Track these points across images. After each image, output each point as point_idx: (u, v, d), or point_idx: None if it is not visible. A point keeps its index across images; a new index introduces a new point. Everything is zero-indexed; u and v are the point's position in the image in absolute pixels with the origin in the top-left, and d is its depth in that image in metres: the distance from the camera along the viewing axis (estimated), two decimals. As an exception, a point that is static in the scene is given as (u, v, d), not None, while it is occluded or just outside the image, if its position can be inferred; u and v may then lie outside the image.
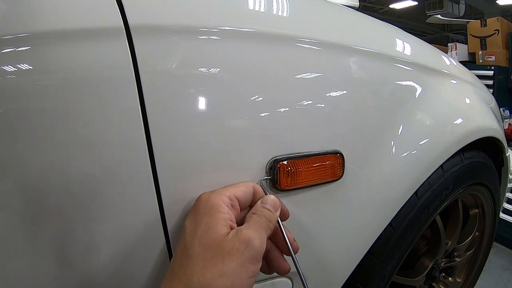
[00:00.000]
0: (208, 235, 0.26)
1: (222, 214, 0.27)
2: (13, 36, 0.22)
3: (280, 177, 0.31)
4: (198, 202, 0.28)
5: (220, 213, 0.27)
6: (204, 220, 0.26)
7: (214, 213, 0.27)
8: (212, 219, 0.26)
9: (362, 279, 0.45)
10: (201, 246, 0.25)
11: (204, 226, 0.26)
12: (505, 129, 1.49)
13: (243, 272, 0.25)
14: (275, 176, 0.31)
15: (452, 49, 3.63)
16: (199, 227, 0.26)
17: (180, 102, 0.27)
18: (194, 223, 0.27)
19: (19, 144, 0.23)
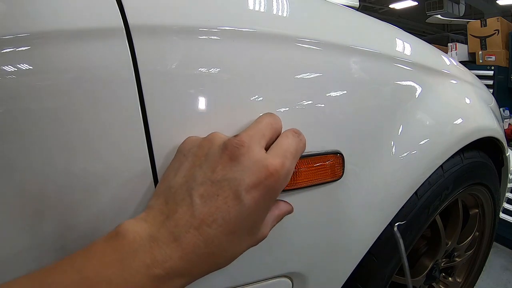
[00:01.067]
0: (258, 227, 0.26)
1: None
2: (13, 36, 0.22)
3: None
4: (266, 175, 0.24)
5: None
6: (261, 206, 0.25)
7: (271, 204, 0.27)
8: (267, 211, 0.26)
9: (362, 279, 0.45)
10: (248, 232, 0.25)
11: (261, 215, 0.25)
12: (505, 129, 1.49)
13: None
14: None
15: (452, 49, 3.63)
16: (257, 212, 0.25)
17: (180, 102, 0.27)
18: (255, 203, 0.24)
19: (19, 144, 0.23)
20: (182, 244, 0.22)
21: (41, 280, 0.20)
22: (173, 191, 0.24)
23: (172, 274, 0.21)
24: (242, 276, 0.32)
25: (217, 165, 0.24)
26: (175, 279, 0.22)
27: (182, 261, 0.22)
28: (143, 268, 0.21)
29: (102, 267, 0.20)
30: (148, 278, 0.21)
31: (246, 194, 0.23)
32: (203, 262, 0.23)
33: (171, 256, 0.21)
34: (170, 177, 0.25)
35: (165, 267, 0.21)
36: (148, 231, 0.22)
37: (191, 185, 0.24)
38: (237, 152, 0.24)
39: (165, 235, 0.22)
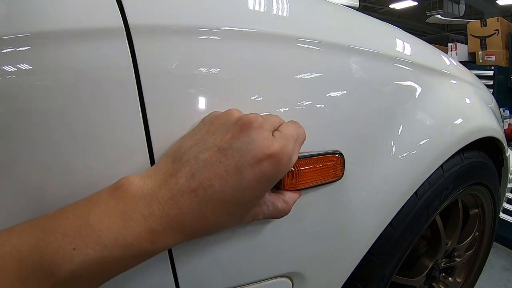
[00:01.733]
0: (251, 205, 0.26)
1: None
2: (13, 36, 0.22)
3: (284, 178, 0.30)
4: (270, 154, 0.24)
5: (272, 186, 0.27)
6: (259, 187, 0.25)
7: (271, 185, 0.26)
8: (263, 193, 0.26)
9: (362, 279, 0.45)
10: (240, 210, 0.26)
11: (257, 195, 0.26)
12: (505, 129, 1.49)
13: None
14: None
15: (452, 49, 3.63)
16: (254, 192, 0.25)
17: (180, 102, 0.27)
18: (254, 181, 0.24)
19: (19, 144, 0.23)
20: (179, 203, 0.23)
21: (43, 225, 0.21)
22: (182, 151, 0.25)
23: (168, 229, 0.23)
24: (242, 276, 0.32)
25: (227, 134, 0.25)
26: (169, 235, 0.23)
27: (177, 219, 0.23)
28: (141, 220, 0.22)
29: (104, 215, 0.21)
30: (145, 230, 0.22)
31: (248, 167, 0.24)
32: (195, 224, 0.24)
33: (168, 212, 0.23)
34: (184, 140, 0.26)
35: (161, 222, 0.22)
36: (151, 186, 0.23)
37: (199, 148, 0.25)
38: (249, 125, 0.25)
39: (165, 192, 0.23)
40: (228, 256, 0.31)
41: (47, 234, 0.20)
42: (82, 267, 0.20)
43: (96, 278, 0.22)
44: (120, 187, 0.23)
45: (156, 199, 0.23)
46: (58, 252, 0.20)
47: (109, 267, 0.21)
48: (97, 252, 0.20)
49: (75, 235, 0.20)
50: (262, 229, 0.32)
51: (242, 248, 0.31)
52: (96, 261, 0.21)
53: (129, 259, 0.22)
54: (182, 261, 0.29)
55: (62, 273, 0.20)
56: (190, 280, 0.30)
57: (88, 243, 0.20)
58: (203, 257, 0.30)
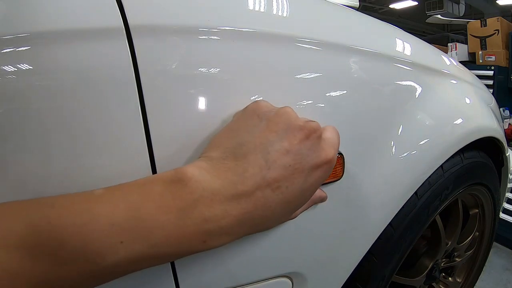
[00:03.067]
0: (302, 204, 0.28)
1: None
2: (13, 36, 0.22)
3: None
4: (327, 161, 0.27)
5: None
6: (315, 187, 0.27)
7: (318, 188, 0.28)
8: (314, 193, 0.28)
9: (362, 279, 0.45)
10: (294, 209, 0.27)
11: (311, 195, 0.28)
12: (505, 129, 1.49)
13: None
14: None
15: (452, 49, 3.64)
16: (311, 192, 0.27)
17: (180, 102, 0.27)
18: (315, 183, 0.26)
19: (19, 144, 0.23)
20: (243, 203, 0.22)
21: (89, 207, 0.19)
22: (245, 149, 0.24)
23: (224, 230, 0.22)
24: (242, 276, 0.32)
25: (295, 138, 0.25)
26: (224, 236, 0.22)
27: (237, 220, 0.22)
28: (199, 220, 0.21)
29: (159, 211, 0.20)
30: (201, 232, 0.21)
31: (311, 171, 0.25)
32: (253, 224, 0.24)
33: (229, 213, 0.22)
34: (241, 133, 0.25)
35: (220, 224, 0.22)
36: (211, 182, 0.22)
37: (267, 149, 0.24)
38: (313, 134, 0.26)
39: (229, 191, 0.22)
40: (228, 256, 0.31)
41: (93, 219, 0.19)
42: (126, 260, 0.19)
43: (135, 269, 0.21)
44: (179, 182, 0.21)
45: (219, 200, 0.22)
46: (104, 242, 0.19)
47: (152, 262, 0.21)
48: (145, 248, 0.20)
49: (124, 227, 0.19)
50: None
51: (242, 248, 0.31)
52: (142, 257, 0.20)
53: (175, 256, 0.22)
54: (182, 260, 0.29)
55: (104, 263, 0.19)
56: (190, 280, 0.30)
57: (137, 239, 0.19)
58: (203, 257, 0.30)
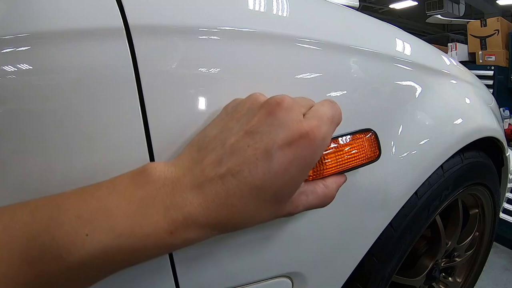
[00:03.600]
0: (286, 193, 0.24)
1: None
2: (13, 36, 0.22)
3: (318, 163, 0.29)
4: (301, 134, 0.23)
5: (309, 172, 0.25)
6: (293, 170, 0.23)
7: (307, 170, 0.24)
8: (299, 178, 0.24)
9: (362, 279, 0.45)
10: (274, 197, 0.23)
11: (291, 180, 0.24)
12: (505, 129, 1.49)
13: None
14: None
15: (452, 49, 3.64)
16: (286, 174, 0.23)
17: (180, 102, 0.27)
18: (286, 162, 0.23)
19: (19, 144, 0.23)
20: (204, 191, 0.22)
21: (59, 203, 0.20)
22: (207, 140, 0.24)
23: (190, 220, 0.21)
24: (242, 276, 0.32)
25: (254, 118, 0.23)
26: (192, 227, 0.21)
27: (201, 208, 0.21)
28: (161, 209, 0.21)
29: (123, 201, 0.20)
30: (164, 220, 0.20)
31: (278, 150, 0.22)
32: (222, 215, 0.22)
33: (191, 201, 0.21)
34: (208, 129, 0.25)
35: (183, 212, 0.21)
36: (174, 174, 0.22)
37: (226, 135, 0.24)
38: (276, 107, 0.23)
39: (190, 179, 0.22)
40: (228, 256, 0.31)
41: (61, 213, 0.19)
42: (94, 254, 0.19)
43: (107, 267, 0.20)
44: (143, 172, 0.22)
45: (180, 187, 0.21)
46: (70, 235, 0.19)
47: (122, 257, 0.20)
48: (110, 240, 0.19)
49: (89, 218, 0.19)
50: (262, 229, 0.32)
51: (242, 248, 0.31)
52: (109, 249, 0.19)
53: (145, 251, 0.20)
54: (182, 260, 0.29)
55: (71, 258, 0.19)
56: (190, 280, 0.30)
57: (102, 229, 0.19)
58: (203, 257, 0.30)
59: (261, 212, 0.23)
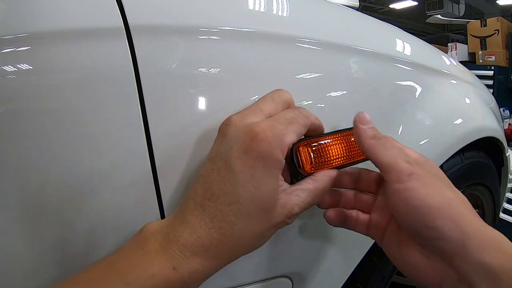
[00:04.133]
0: (265, 198, 0.23)
1: (280, 173, 0.24)
2: (13, 36, 0.22)
3: (302, 160, 0.28)
4: (258, 137, 0.23)
5: (279, 172, 0.24)
6: (259, 173, 0.23)
7: (274, 169, 0.24)
8: (272, 179, 0.24)
9: (362, 279, 0.45)
10: (255, 205, 0.23)
11: (262, 184, 0.23)
12: (505, 129, 1.49)
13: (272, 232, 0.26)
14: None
15: (452, 49, 3.64)
16: (254, 179, 0.23)
17: (180, 102, 0.27)
18: (248, 169, 0.23)
19: (19, 144, 0.23)
20: (190, 221, 0.23)
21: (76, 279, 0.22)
22: (189, 187, 0.26)
23: (186, 252, 0.22)
24: (242, 276, 0.32)
25: (213, 146, 0.26)
26: (191, 259, 0.22)
27: (192, 238, 0.22)
28: (159, 249, 0.22)
29: (127, 256, 0.22)
30: (165, 258, 0.22)
31: (236, 160, 0.23)
32: (214, 239, 0.23)
33: (181, 234, 0.22)
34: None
35: (178, 245, 0.22)
36: (165, 221, 0.24)
37: (198, 170, 0.26)
38: (226, 128, 0.25)
39: (177, 219, 0.24)
40: (228, 256, 0.31)
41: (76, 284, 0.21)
42: None
43: None
44: (140, 231, 0.24)
45: (171, 227, 0.23)
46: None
47: None
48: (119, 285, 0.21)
49: (100, 279, 0.21)
50: (262, 229, 0.32)
51: (242, 248, 0.31)
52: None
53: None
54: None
55: None
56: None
57: (113, 283, 0.21)
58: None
59: (252, 227, 0.24)
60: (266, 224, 0.24)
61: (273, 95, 0.28)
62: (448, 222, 0.23)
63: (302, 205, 0.26)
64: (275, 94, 0.28)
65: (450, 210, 0.23)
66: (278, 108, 0.27)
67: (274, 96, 0.28)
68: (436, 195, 0.24)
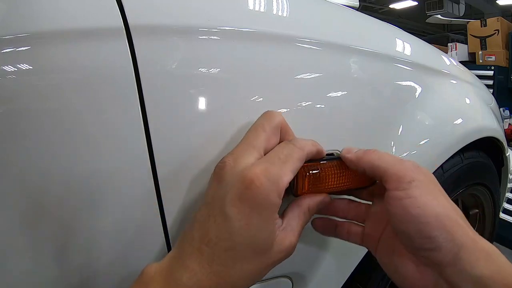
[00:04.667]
0: (261, 244, 0.24)
1: (276, 221, 0.25)
2: (13, 36, 0.22)
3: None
4: (251, 183, 0.23)
5: (275, 219, 0.24)
6: (255, 220, 0.23)
7: (271, 213, 0.24)
8: (268, 224, 0.24)
9: (362, 279, 0.45)
10: (252, 251, 0.23)
11: (258, 231, 0.23)
12: (505, 129, 1.49)
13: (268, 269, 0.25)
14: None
15: (452, 49, 3.64)
16: (251, 227, 0.23)
17: (180, 102, 0.27)
18: (244, 217, 0.23)
19: (19, 144, 0.23)
20: (189, 266, 0.23)
21: None
22: (185, 229, 0.26)
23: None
24: (242, 276, 0.32)
25: (209, 190, 0.25)
26: None
27: (192, 281, 0.22)
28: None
29: None
30: None
31: (231, 207, 0.23)
32: (214, 282, 0.23)
33: (180, 278, 0.22)
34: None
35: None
36: (164, 264, 0.24)
37: (194, 215, 0.25)
38: (221, 172, 0.25)
39: (175, 262, 0.24)
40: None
41: None
42: None
43: None
44: (141, 275, 0.24)
45: (170, 270, 0.23)
46: None
47: None
48: None
49: None
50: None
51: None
52: None
53: None
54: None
55: None
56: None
57: None
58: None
59: (249, 269, 0.24)
60: (263, 263, 0.25)
61: (263, 123, 0.27)
62: (444, 233, 0.23)
63: (297, 232, 0.27)
64: (265, 122, 0.27)
65: (447, 221, 0.23)
66: (271, 139, 0.27)
67: (265, 124, 0.26)
68: (435, 204, 0.24)
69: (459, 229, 0.23)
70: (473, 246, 0.23)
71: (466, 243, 0.23)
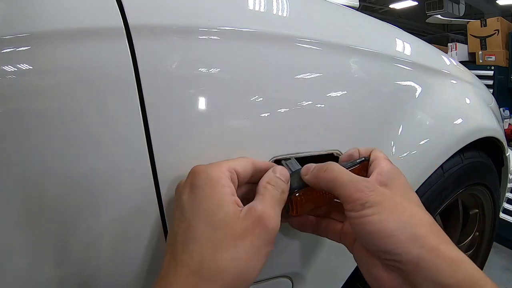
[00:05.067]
0: (215, 213, 0.23)
1: (225, 187, 0.24)
2: (13, 36, 0.22)
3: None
4: (193, 174, 0.24)
5: (223, 187, 0.24)
6: (205, 195, 0.23)
7: (216, 185, 0.24)
8: (216, 193, 0.24)
9: (362, 279, 0.45)
10: (209, 226, 0.23)
11: (208, 203, 0.23)
12: (505, 129, 1.49)
13: (256, 255, 0.23)
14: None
15: (452, 49, 3.63)
16: (201, 203, 0.23)
17: (180, 102, 0.27)
18: (193, 198, 0.23)
19: (19, 144, 0.23)
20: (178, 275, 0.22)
21: None
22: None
23: None
24: (242, 276, 0.32)
25: (182, 194, 0.26)
26: None
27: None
28: None
29: None
30: None
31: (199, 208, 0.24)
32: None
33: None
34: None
35: None
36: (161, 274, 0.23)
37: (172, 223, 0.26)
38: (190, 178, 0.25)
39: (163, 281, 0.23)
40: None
41: None
42: None
43: None
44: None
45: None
46: None
47: None
48: None
49: None
50: (262, 229, 0.32)
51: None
52: None
53: None
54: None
55: None
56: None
57: None
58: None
59: (229, 256, 0.23)
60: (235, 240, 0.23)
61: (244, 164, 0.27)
62: (400, 247, 0.23)
63: (279, 217, 0.26)
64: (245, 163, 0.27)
65: (402, 235, 0.23)
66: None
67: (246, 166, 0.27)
68: (390, 219, 0.24)
69: (416, 241, 0.23)
70: (433, 256, 0.23)
71: (423, 254, 0.23)
